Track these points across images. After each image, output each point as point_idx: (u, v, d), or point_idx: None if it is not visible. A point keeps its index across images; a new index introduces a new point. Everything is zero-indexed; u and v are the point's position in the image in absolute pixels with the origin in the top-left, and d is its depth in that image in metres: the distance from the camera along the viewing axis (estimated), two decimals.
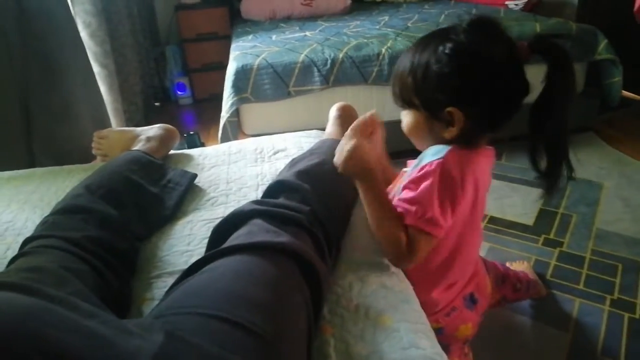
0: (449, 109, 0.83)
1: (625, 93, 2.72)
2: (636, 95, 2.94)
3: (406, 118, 0.92)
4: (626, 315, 1.40)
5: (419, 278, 0.94)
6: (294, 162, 1.05)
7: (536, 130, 0.85)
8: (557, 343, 1.33)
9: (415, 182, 0.86)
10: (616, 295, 1.48)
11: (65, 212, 0.94)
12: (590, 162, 2.31)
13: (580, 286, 1.53)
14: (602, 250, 1.69)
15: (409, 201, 0.85)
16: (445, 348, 0.97)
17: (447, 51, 0.82)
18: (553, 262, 1.65)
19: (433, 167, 0.84)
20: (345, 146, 0.90)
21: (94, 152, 1.41)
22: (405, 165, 1.01)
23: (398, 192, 0.92)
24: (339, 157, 0.91)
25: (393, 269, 0.90)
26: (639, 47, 2.75)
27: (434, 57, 0.83)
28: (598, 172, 2.21)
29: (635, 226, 1.81)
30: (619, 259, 1.64)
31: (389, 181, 1.05)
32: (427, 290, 0.96)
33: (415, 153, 0.96)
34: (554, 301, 1.47)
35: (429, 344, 0.74)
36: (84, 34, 2.22)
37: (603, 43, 2.41)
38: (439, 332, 0.99)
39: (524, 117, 0.86)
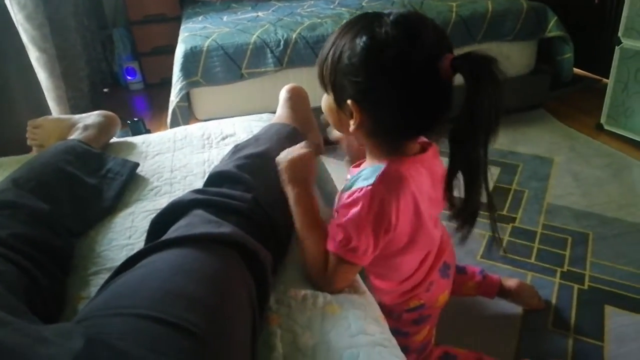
0: (348, 100, 0.78)
1: (576, 70, 2.78)
2: (586, 72, 3.02)
3: (323, 98, 0.87)
4: (575, 286, 1.44)
5: (384, 270, 0.93)
6: (237, 149, 1.00)
7: (452, 159, 0.76)
8: (509, 317, 1.35)
9: (344, 207, 0.81)
10: (566, 267, 1.52)
11: None
12: (541, 138, 2.35)
13: (532, 260, 1.56)
14: (553, 224, 1.73)
15: (336, 227, 0.82)
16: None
17: (361, 43, 0.74)
18: (506, 237, 1.68)
19: (362, 193, 0.79)
20: (297, 150, 0.91)
21: (28, 142, 1.33)
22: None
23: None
24: (285, 156, 0.90)
25: None
26: (589, 25, 2.82)
27: (349, 44, 0.76)
28: (549, 148, 2.27)
29: (585, 199, 1.86)
30: (568, 232, 1.68)
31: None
32: (399, 277, 0.95)
33: None
34: (507, 276, 1.50)
35: (378, 330, 0.73)
36: (19, 17, 2.07)
37: (553, 20, 2.44)
38: (421, 307, 1.00)
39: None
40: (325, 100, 0.87)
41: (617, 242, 1.62)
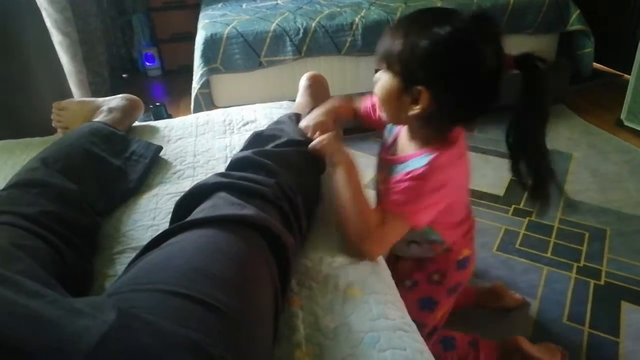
0: (420, 87, 0.81)
1: (596, 65, 2.74)
2: (606, 67, 2.98)
3: (382, 80, 0.88)
4: (592, 282, 1.44)
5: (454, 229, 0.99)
6: (258, 135, 1.01)
7: (514, 150, 0.87)
8: (525, 310, 1.36)
9: (404, 181, 0.87)
10: (582, 262, 1.52)
11: (19, 186, 0.89)
12: (560, 133, 2.33)
13: (548, 254, 1.56)
14: (570, 220, 1.72)
15: (395, 192, 0.87)
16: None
17: (443, 33, 0.79)
18: (522, 231, 1.67)
19: (422, 169, 0.85)
20: (325, 134, 0.95)
21: (53, 124, 1.35)
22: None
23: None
24: (319, 137, 0.94)
25: None
26: (610, 20, 2.77)
27: (429, 32, 0.80)
28: (567, 143, 2.24)
29: (602, 195, 1.84)
30: (586, 227, 1.67)
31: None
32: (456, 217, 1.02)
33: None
34: (522, 270, 1.50)
35: (399, 315, 0.74)
36: (42, 0, 2.10)
37: (575, 14, 2.41)
38: (467, 260, 1.07)
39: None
40: (384, 83, 0.86)
41: (635, 239, 1.60)
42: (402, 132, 0.98)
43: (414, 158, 0.89)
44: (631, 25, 2.67)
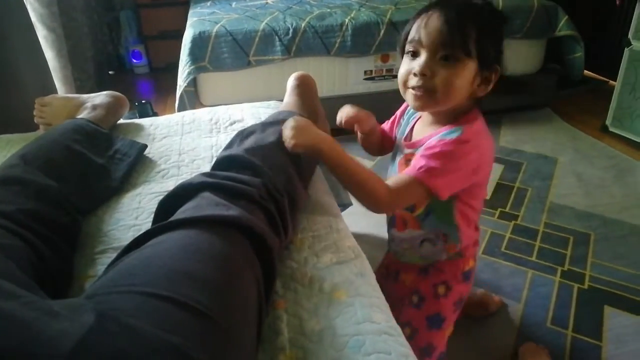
0: (496, 65, 0.85)
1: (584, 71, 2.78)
2: (592, 73, 3.01)
3: (456, 70, 0.83)
4: (575, 285, 1.45)
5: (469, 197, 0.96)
6: (243, 135, 1.00)
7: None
8: (509, 313, 1.36)
9: (434, 147, 0.85)
10: (567, 266, 1.53)
11: None
12: (546, 138, 2.35)
13: (533, 258, 1.57)
14: (555, 224, 1.73)
15: (419, 158, 0.85)
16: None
17: (490, 7, 0.84)
18: (508, 234, 1.68)
19: (454, 138, 0.84)
20: (287, 124, 0.87)
21: (36, 120, 1.32)
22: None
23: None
24: (285, 136, 0.85)
25: (349, 241, 0.88)
26: (596, 27, 2.81)
27: (491, 13, 0.84)
28: (553, 148, 2.27)
29: (587, 200, 1.86)
30: (570, 231, 1.69)
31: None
32: (478, 206, 1.00)
33: None
34: (507, 273, 1.50)
35: (384, 318, 0.73)
36: None
37: (564, 19, 2.43)
38: (471, 272, 1.05)
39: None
40: (460, 72, 0.83)
41: (619, 244, 1.62)
42: (420, 121, 0.97)
43: (443, 132, 0.87)
44: (617, 32, 2.70)
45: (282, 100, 1.28)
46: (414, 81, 0.85)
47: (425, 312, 1.02)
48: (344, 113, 0.99)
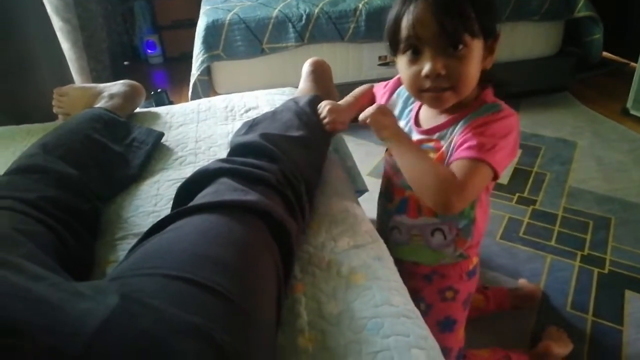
0: (497, 32, 0.83)
1: (603, 53, 2.71)
2: (612, 55, 2.94)
3: (468, 58, 0.79)
4: (596, 270, 1.43)
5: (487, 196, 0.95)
6: (254, 122, 1.00)
7: None
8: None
9: (481, 125, 0.82)
10: (586, 251, 1.51)
11: (19, 172, 0.88)
12: (564, 122, 2.31)
13: (552, 243, 1.55)
14: (574, 208, 1.71)
15: (473, 137, 0.81)
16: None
17: None
18: (526, 219, 1.66)
19: (501, 113, 0.83)
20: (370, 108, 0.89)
21: (55, 110, 1.34)
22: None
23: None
24: (366, 112, 0.88)
25: (366, 225, 0.88)
26: (617, 7, 2.73)
27: None
28: (572, 131, 2.23)
29: (607, 184, 1.83)
30: (590, 216, 1.66)
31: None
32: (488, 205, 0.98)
33: None
34: (526, 258, 1.49)
35: (402, 301, 0.73)
36: None
37: (582, 1, 2.37)
38: (476, 269, 1.01)
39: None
40: (474, 54, 0.80)
41: (639, 228, 1.59)
42: (424, 109, 0.94)
43: (476, 111, 0.84)
44: (637, 12, 2.63)
45: (297, 88, 1.28)
46: (428, 83, 0.81)
47: (434, 317, 0.99)
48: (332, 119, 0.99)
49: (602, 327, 1.25)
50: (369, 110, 0.88)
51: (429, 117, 0.92)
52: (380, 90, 1.07)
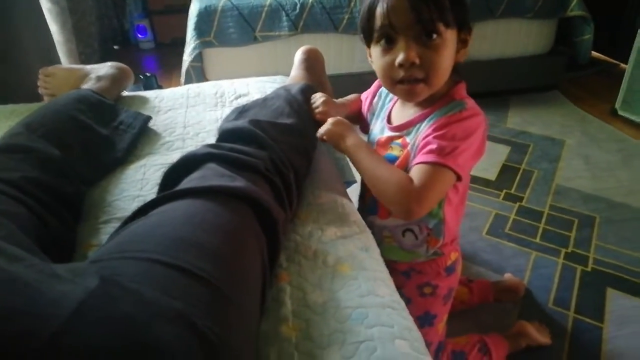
0: (470, 23, 0.82)
1: (593, 53, 2.73)
2: (602, 56, 2.97)
3: (441, 48, 0.79)
4: (579, 267, 1.45)
5: (459, 197, 0.94)
6: (244, 109, 0.99)
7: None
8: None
9: (444, 126, 0.80)
10: (571, 249, 1.52)
11: (2, 151, 0.86)
12: (553, 120, 2.33)
13: (537, 240, 1.56)
14: (560, 206, 1.72)
15: (433, 139, 0.79)
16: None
17: None
18: (512, 216, 1.67)
19: (464, 113, 0.81)
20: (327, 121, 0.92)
21: (40, 91, 1.31)
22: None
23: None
24: (322, 128, 0.91)
25: (354, 216, 0.88)
26: (608, 8, 2.75)
27: None
28: (561, 130, 2.24)
29: (593, 183, 1.85)
30: (575, 214, 1.68)
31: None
32: (463, 205, 0.97)
33: None
34: (511, 254, 1.50)
35: (388, 292, 0.73)
36: None
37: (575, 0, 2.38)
38: (456, 264, 1.01)
39: (485, 75, 0.86)
40: (447, 44, 0.79)
41: (623, 227, 1.61)
42: (399, 102, 0.94)
43: (441, 109, 0.83)
44: (630, 14, 2.65)
45: (288, 76, 1.26)
46: (401, 73, 0.80)
47: (413, 312, 0.95)
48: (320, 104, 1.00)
49: (583, 323, 1.27)
50: (325, 126, 0.91)
51: (400, 113, 0.93)
52: (365, 95, 1.07)
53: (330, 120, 0.91)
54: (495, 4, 2.29)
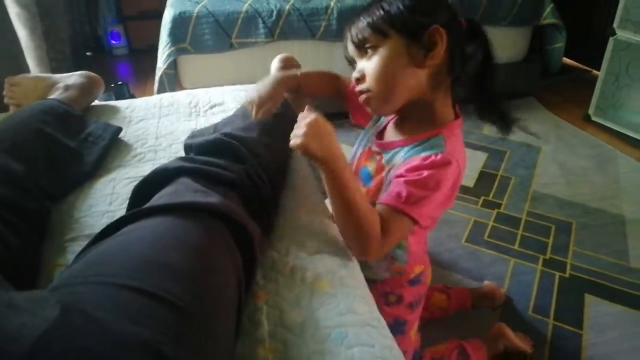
0: (434, 25, 0.77)
1: (565, 60, 2.78)
2: (575, 62, 3.02)
3: (380, 54, 0.79)
4: (557, 274, 1.45)
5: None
6: (216, 129, 0.96)
7: (478, 94, 0.90)
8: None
9: (416, 168, 0.78)
10: (549, 255, 1.53)
11: None
12: (529, 127, 2.35)
13: (516, 246, 1.57)
14: (538, 212, 1.73)
15: (403, 184, 0.77)
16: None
17: None
18: (491, 223, 1.68)
19: (439, 158, 0.78)
20: (305, 118, 0.73)
21: (5, 101, 1.25)
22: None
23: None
24: (297, 133, 0.72)
25: (333, 231, 0.86)
26: (580, 15, 2.80)
27: None
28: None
29: (569, 189, 1.87)
30: (552, 220, 1.69)
31: None
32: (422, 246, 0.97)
33: None
34: (489, 261, 1.50)
35: (367, 309, 0.71)
36: None
37: (549, 7, 2.42)
38: (421, 275, 1.01)
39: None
40: (387, 52, 0.79)
41: (599, 232, 1.63)
42: (393, 120, 0.92)
43: (421, 143, 0.82)
44: (601, 21, 2.70)
45: None
46: (358, 89, 0.84)
47: None
48: (256, 101, 0.88)
49: (562, 330, 1.27)
50: (296, 130, 0.73)
51: (390, 131, 0.92)
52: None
53: (302, 125, 0.72)
54: (471, 12, 2.30)
